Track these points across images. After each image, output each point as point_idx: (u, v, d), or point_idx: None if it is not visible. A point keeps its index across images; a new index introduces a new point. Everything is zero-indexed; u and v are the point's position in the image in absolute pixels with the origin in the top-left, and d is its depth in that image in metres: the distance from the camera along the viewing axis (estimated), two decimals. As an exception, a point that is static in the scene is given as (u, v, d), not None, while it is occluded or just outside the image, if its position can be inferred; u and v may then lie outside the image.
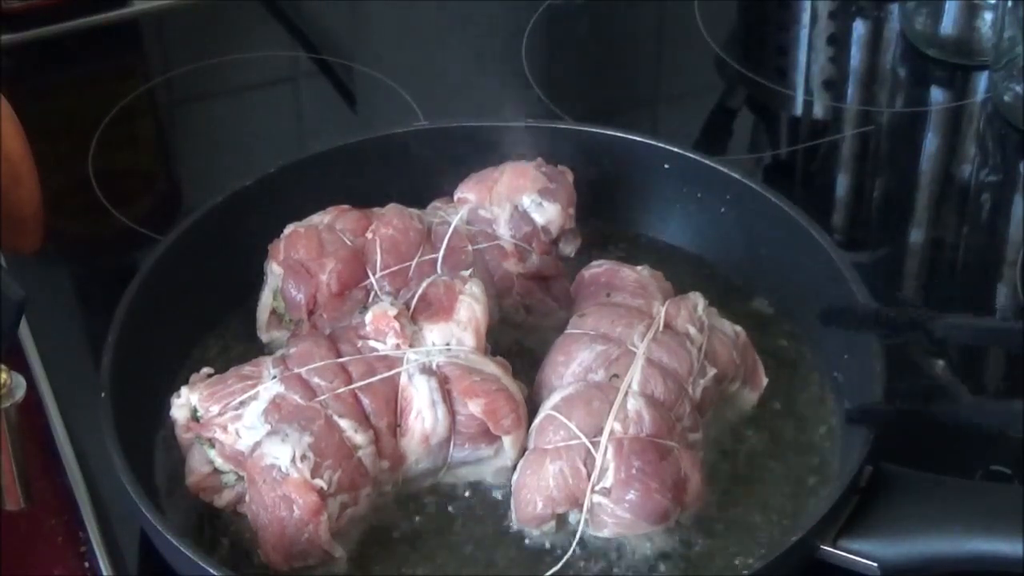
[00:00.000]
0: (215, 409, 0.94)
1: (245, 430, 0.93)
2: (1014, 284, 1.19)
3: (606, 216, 1.15)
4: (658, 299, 1.02)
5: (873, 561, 0.90)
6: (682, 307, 1.01)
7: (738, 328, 1.03)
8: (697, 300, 1.02)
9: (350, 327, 1.00)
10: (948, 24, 1.41)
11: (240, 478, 0.94)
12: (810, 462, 1.00)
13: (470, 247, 1.06)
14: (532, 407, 0.98)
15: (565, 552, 0.93)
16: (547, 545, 0.95)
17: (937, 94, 1.40)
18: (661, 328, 0.99)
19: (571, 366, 0.98)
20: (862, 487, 0.92)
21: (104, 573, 0.97)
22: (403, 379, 0.96)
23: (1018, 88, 1.32)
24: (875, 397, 0.95)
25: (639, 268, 1.05)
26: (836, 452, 1.00)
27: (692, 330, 1.00)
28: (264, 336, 1.06)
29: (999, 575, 0.88)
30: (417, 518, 0.97)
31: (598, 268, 1.06)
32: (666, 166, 1.13)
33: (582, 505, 0.92)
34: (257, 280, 1.08)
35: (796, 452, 1.01)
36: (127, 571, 0.97)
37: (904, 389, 1.00)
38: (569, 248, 1.11)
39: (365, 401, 0.95)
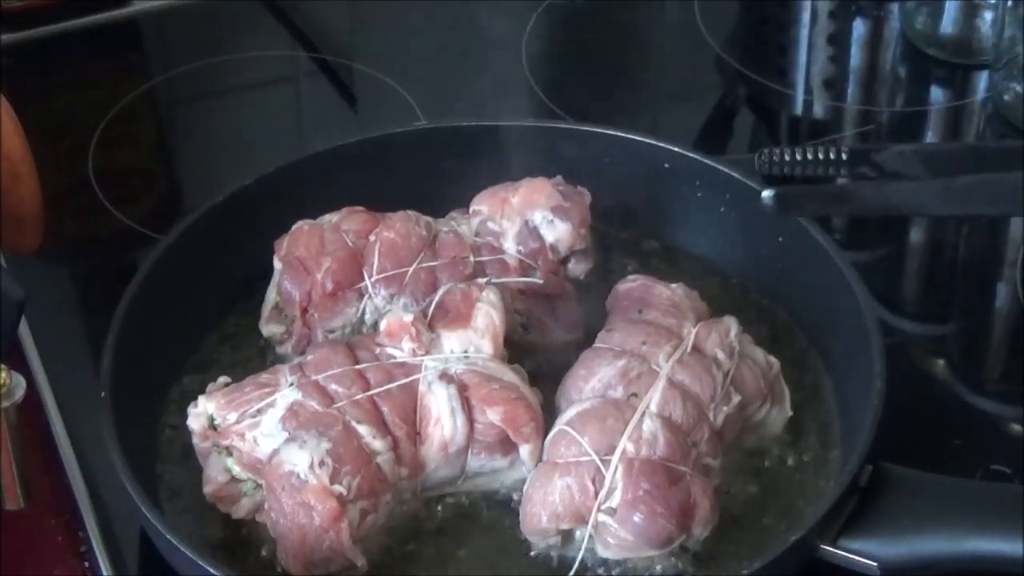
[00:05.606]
0: (232, 417, 0.94)
1: (263, 437, 0.93)
2: (1014, 284, 1.19)
3: (605, 216, 1.15)
4: (690, 320, 1.00)
5: (873, 560, 0.90)
6: (713, 330, 0.99)
7: (772, 359, 1.01)
8: (730, 325, 1.00)
9: (367, 335, 0.99)
10: (948, 24, 1.40)
11: (258, 486, 0.94)
12: (811, 465, 1.00)
13: (471, 258, 1.05)
14: (550, 419, 0.97)
15: (570, 568, 0.92)
16: (555, 558, 0.94)
17: (937, 94, 1.40)
18: (688, 350, 0.97)
19: (591, 381, 0.96)
20: (862, 487, 0.92)
21: (104, 573, 0.97)
22: (422, 386, 0.95)
23: (1018, 88, 1.32)
24: (875, 397, 0.95)
25: (673, 286, 1.03)
26: (837, 453, 1.00)
27: (721, 355, 0.98)
28: (264, 329, 1.06)
29: (999, 575, 0.89)
30: (429, 527, 0.96)
31: (632, 283, 1.04)
32: (666, 166, 1.13)
33: (588, 523, 0.91)
34: (257, 279, 1.08)
35: (798, 456, 1.01)
36: (127, 571, 0.97)
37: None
38: (579, 269, 1.09)
39: (384, 408, 0.94)
